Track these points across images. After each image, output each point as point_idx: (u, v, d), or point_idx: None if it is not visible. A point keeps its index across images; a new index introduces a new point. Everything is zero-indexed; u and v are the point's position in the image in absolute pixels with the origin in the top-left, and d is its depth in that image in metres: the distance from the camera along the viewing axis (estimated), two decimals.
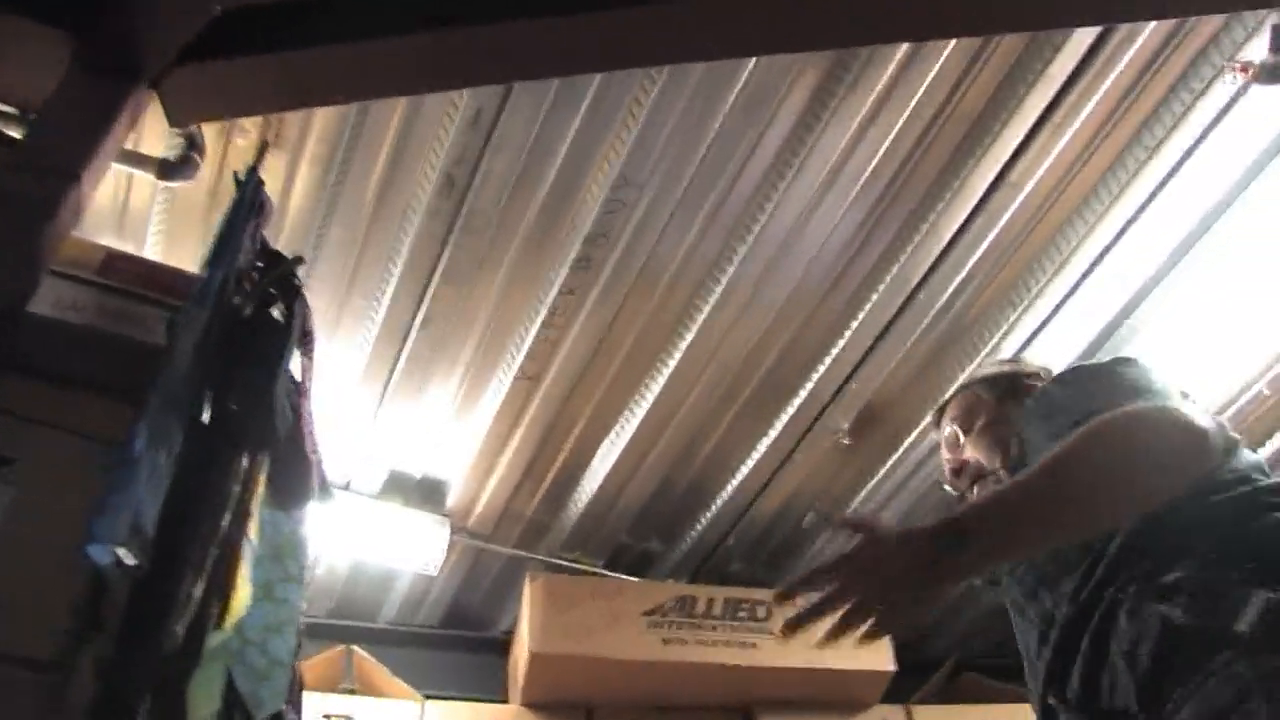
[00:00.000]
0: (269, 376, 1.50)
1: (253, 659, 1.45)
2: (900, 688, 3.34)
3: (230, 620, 1.34)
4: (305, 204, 2.49)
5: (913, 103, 2.35)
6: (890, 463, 3.16)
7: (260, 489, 1.49)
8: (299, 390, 1.68)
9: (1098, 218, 2.55)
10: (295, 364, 1.71)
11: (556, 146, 2.38)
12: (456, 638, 3.75)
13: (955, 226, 2.59)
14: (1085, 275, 2.71)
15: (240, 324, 1.58)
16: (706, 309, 2.71)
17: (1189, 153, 2.42)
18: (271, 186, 2.37)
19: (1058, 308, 2.78)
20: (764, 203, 2.50)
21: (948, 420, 1.94)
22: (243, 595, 1.37)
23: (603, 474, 3.15)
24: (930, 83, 2.31)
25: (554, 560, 3.46)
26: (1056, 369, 1.87)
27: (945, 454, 1.92)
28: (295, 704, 1.62)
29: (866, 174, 2.48)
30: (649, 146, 2.36)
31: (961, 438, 1.89)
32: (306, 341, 1.71)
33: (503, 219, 2.52)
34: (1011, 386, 1.90)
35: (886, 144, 2.43)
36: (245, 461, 1.45)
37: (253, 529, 1.44)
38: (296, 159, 2.42)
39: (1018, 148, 2.43)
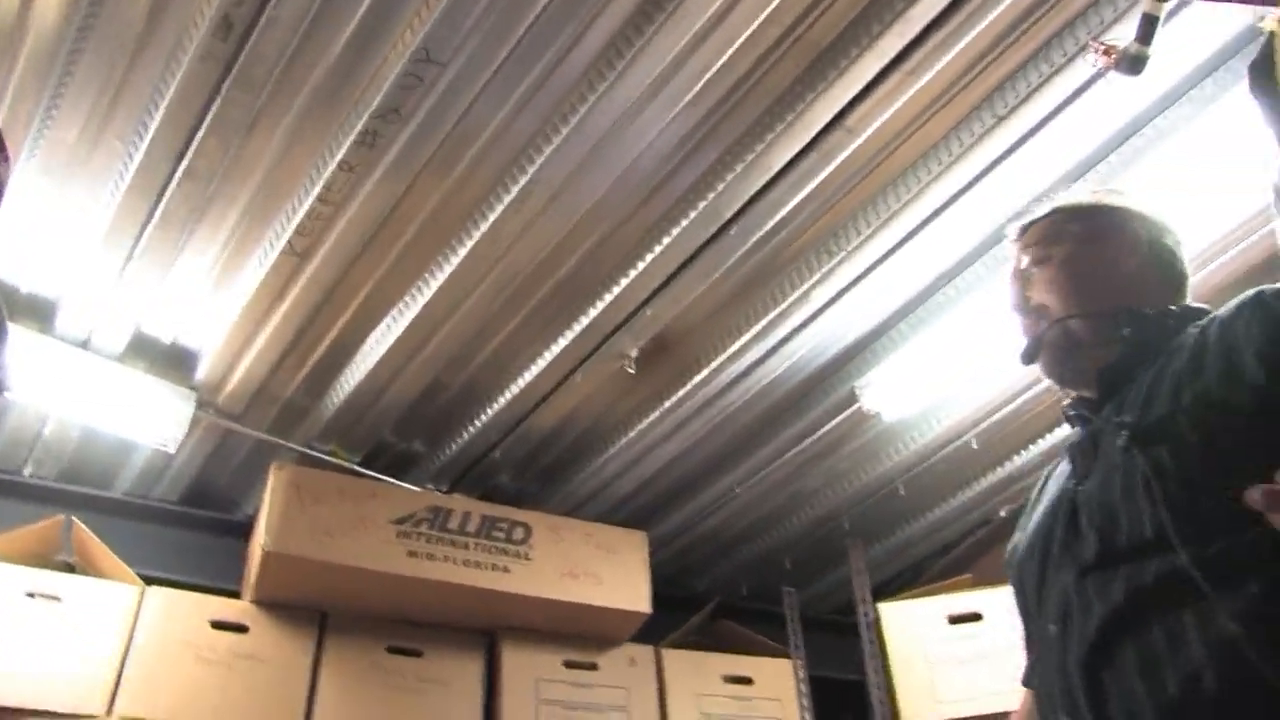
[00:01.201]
0: None
1: None
2: (655, 624, 3.21)
3: None
4: (53, 20, 2.14)
5: (756, 21, 2.11)
6: (676, 397, 2.98)
7: None
8: None
9: (933, 178, 2.38)
10: None
11: (353, 3, 2.09)
12: (196, 517, 3.49)
13: (781, 164, 2.38)
14: (910, 235, 2.56)
15: None
16: (501, 207, 2.44)
17: (1036, 129, 2.27)
18: None
19: (875, 265, 2.63)
20: (579, 104, 2.24)
21: (1022, 245, 1.68)
22: None
23: (370, 364, 2.89)
24: (778, 2, 2.09)
25: (308, 450, 3.21)
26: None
27: (1011, 284, 1.67)
28: None
29: (695, 90, 2.23)
30: (458, 20, 2.07)
31: (1033, 271, 1.63)
32: None
33: (284, 76, 2.20)
34: (1110, 226, 1.63)
35: (722, 61, 2.18)
36: None
37: None
38: None
39: (861, 91, 2.23)
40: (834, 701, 3.61)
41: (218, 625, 2.86)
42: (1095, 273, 1.58)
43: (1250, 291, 1.37)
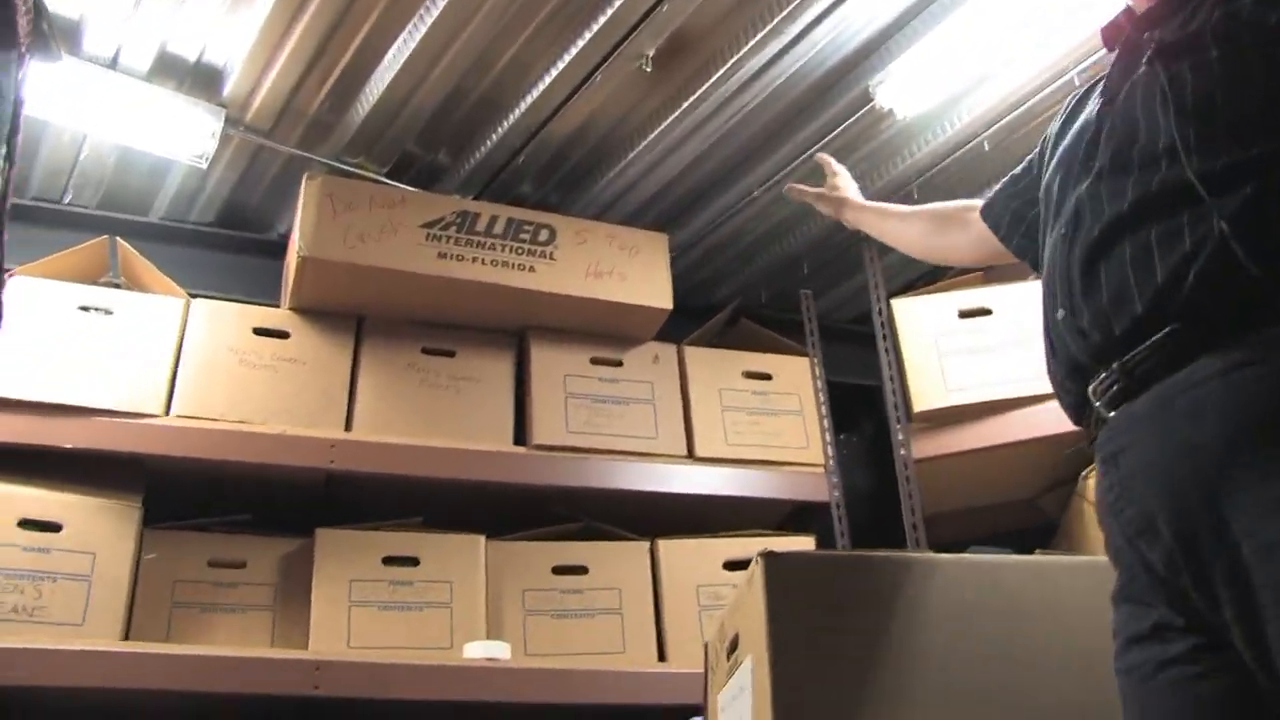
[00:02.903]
0: None
1: None
2: (677, 327, 3.36)
3: None
4: None
5: None
6: (693, 98, 3.00)
7: None
8: None
9: None
10: None
11: None
12: (233, 238, 3.61)
13: None
14: None
15: None
16: None
17: None
18: None
19: None
20: None
21: None
22: None
23: (392, 74, 2.93)
24: None
25: (337, 164, 3.29)
26: None
27: None
28: None
29: None
30: None
31: None
32: None
33: None
34: None
35: None
36: None
37: None
38: None
39: None
40: (849, 405, 3.76)
41: (260, 332, 3.02)
42: None
43: None
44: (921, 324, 3.22)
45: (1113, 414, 1.38)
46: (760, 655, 1.67)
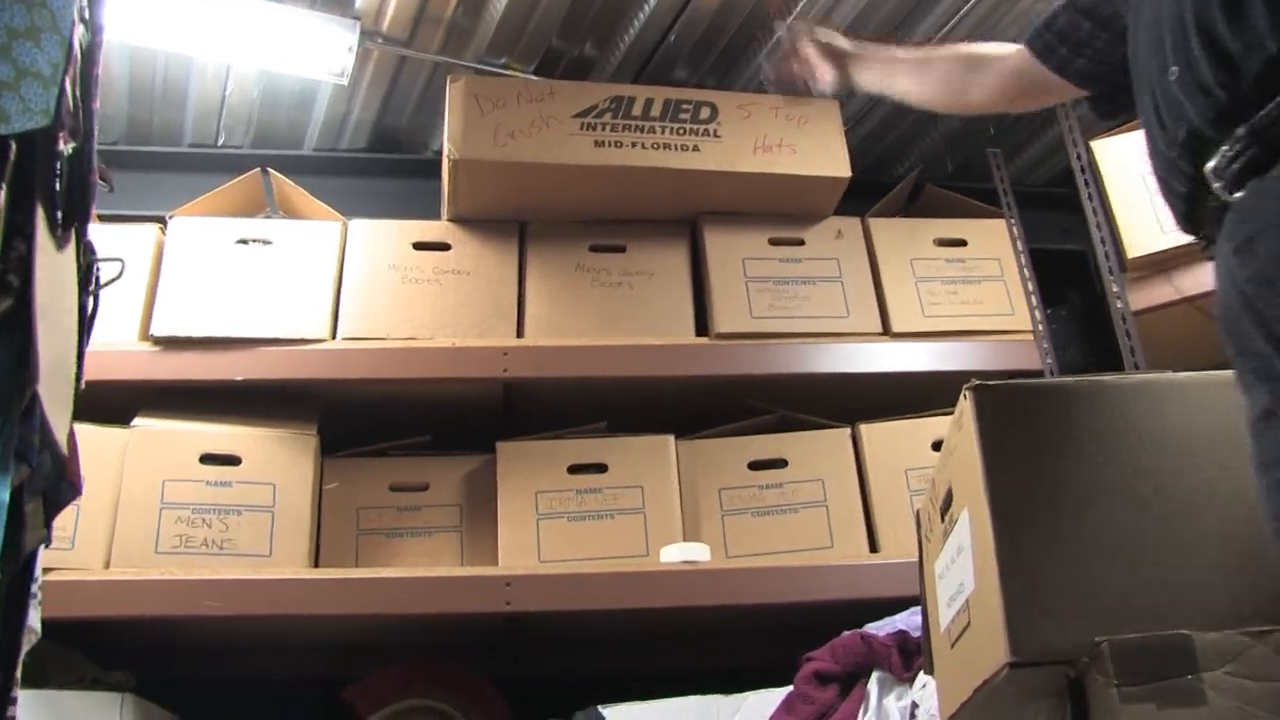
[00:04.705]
0: None
1: None
2: (858, 203, 3.13)
3: None
4: None
5: None
6: None
7: None
8: None
9: None
10: None
11: None
12: (386, 161, 3.51)
13: None
14: None
15: None
16: None
17: None
18: None
19: None
20: None
21: None
22: None
23: None
24: None
25: (482, 67, 3.15)
26: None
27: None
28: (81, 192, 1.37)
29: None
30: None
31: None
32: None
33: None
34: None
35: None
36: None
37: None
38: None
39: None
40: (1051, 275, 3.46)
41: (420, 246, 2.91)
42: None
43: None
44: (1127, 164, 2.91)
45: (1239, 194, 1.16)
46: (978, 502, 1.46)
